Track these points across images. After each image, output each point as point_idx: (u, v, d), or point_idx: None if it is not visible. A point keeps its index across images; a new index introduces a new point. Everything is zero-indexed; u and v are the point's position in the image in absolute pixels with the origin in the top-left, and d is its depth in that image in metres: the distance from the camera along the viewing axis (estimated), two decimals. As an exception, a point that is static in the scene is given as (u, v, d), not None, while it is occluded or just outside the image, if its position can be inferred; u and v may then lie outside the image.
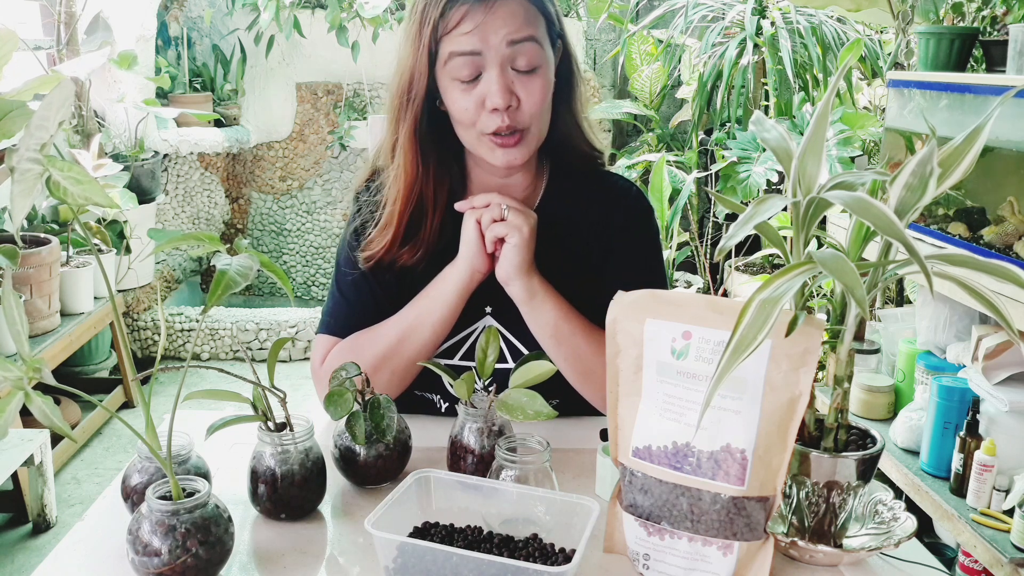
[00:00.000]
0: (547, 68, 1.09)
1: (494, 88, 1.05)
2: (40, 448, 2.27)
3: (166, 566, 0.76)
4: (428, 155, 1.14)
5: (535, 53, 1.07)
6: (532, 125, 1.09)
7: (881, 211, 0.67)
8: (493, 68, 1.05)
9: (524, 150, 1.10)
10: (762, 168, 3.05)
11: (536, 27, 1.07)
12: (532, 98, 1.07)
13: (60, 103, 0.67)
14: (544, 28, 1.09)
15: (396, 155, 1.14)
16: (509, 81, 1.06)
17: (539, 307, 1.12)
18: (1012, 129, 1.70)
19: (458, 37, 1.05)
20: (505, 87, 1.05)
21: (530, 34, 1.06)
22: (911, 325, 2.15)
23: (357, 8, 3.77)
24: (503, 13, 1.04)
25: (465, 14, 1.04)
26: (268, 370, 0.92)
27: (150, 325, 3.59)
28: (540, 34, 1.08)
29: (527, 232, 1.08)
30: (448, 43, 1.06)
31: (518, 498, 0.85)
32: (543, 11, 1.09)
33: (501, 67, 1.05)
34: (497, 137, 1.08)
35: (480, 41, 1.04)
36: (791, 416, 0.77)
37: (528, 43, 1.06)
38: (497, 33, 1.04)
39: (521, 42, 1.05)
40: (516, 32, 1.05)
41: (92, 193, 0.67)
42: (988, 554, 1.59)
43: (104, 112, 3.54)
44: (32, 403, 0.68)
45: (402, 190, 1.14)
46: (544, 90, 1.09)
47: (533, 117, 1.09)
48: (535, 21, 1.07)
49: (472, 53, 1.05)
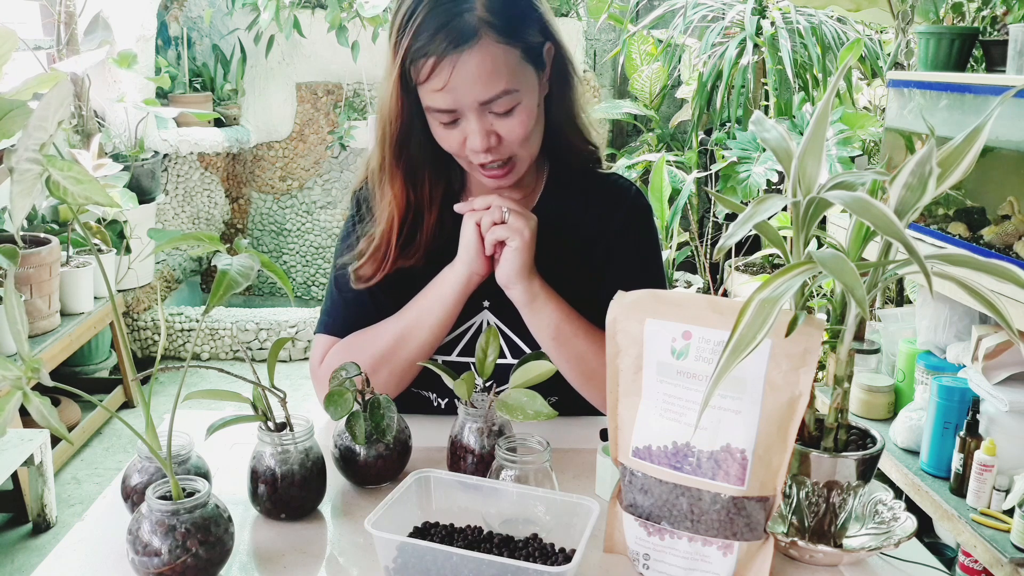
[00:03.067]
0: (529, 98, 1.05)
1: (472, 135, 1.04)
2: (40, 448, 2.27)
3: (166, 566, 0.76)
4: (417, 170, 1.13)
5: (510, 100, 1.03)
6: (519, 152, 1.09)
7: (881, 211, 0.67)
8: (471, 116, 1.03)
9: (513, 175, 1.11)
10: (762, 168, 3.05)
11: (509, 73, 1.01)
12: (513, 134, 1.05)
13: (58, 103, 0.67)
14: (520, 60, 1.03)
15: (383, 181, 1.14)
16: (488, 125, 1.04)
17: (540, 310, 1.11)
18: (1012, 129, 1.70)
19: (431, 93, 1.02)
20: (483, 131, 1.04)
21: (502, 89, 1.01)
22: (911, 325, 2.14)
23: (357, 8, 3.77)
24: (470, 68, 0.99)
25: (432, 69, 1.00)
26: (268, 370, 0.92)
27: (150, 325, 3.59)
28: (514, 77, 1.03)
29: (528, 236, 1.07)
30: (423, 94, 1.04)
31: (518, 498, 0.85)
32: (516, 42, 1.02)
33: (478, 115, 1.03)
34: (484, 168, 1.08)
35: (453, 101, 1.02)
36: (791, 416, 0.77)
37: (501, 98, 1.02)
38: (468, 95, 1.01)
39: (493, 100, 1.02)
40: (486, 91, 1.01)
41: (92, 192, 0.67)
42: (988, 554, 1.59)
43: (104, 112, 3.54)
44: (30, 403, 0.68)
45: (393, 219, 1.13)
46: (525, 123, 1.05)
47: (518, 147, 1.07)
48: (506, 67, 1.01)
49: (447, 111, 1.03)
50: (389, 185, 1.14)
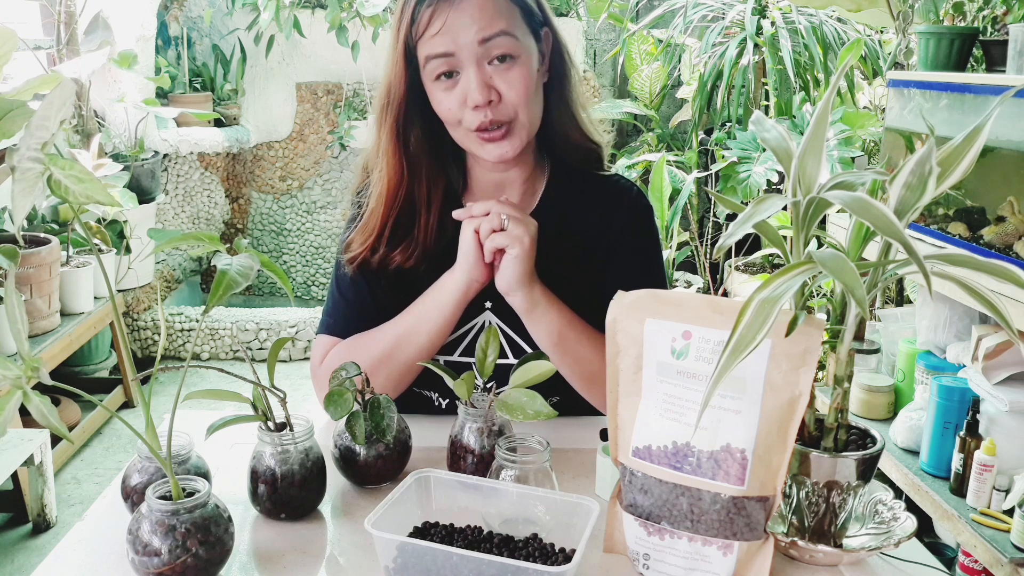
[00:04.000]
0: (528, 58, 1.08)
1: (472, 86, 1.05)
2: (40, 448, 2.27)
3: (166, 566, 0.76)
4: (416, 158, 1.14)
5: (510, 45, 1.06)
6: (518, 116, 1.09)
7: (881, 211, 0.67)
8: (470, 66, 1.05)
9: (514, 142, 1.10)
10: (762, 168, 3.05)
11: (509, 19, 1.06)
12: (513, 90, 1.06)
13: (61, 102, 0.68)
14: (520, 18, 1.08)
15: (379, 159, 1.15)
16: (487, 76, 1.06)
17: (541, 317, 1.11)
18: (1012, 129, 1.70)
19: (430, 40, 1.05)
20: (482, 83, 1.05)
21: (501, 28, 1.05)
22: (911, 325, 2.15)
23: (357, 8, 3.77)
24: (470, 9, 1.04)
25: (432, 14, 1.04)
26: (268, 370, 0.92)
27: (150, 325, 3.59)
28: (514, 26, 1.07)
29: (527, 243, 1.06)
30: (423, 47, 1.06)
31: (518, 498, 0.85)
32: (517, 1, 1.08)
33: (478, 64, 1.05)
34: (483, 132, 1.08)
35: (451, 41, 1.04)
36: (791, 416, 0.77)
37: (500, 37, 1.05)
38: (467, 31, 1.04)
39: (493, 38, 1.05)
40: (486, 29, 1.04)
41: (93, 191, 0.67)
42: (988, 554, 1.59)
43: (104, 112, 3.54)
44: (30, 402, 0.68)
45: (383, 193, 1.14)
46: (525, 80, 1.07)
47: (517, 108, 1.08)
48: (507, 13, 1.06)
49: (445, 55, 1.05)
50: (384, 156, 1.14)
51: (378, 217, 1.15)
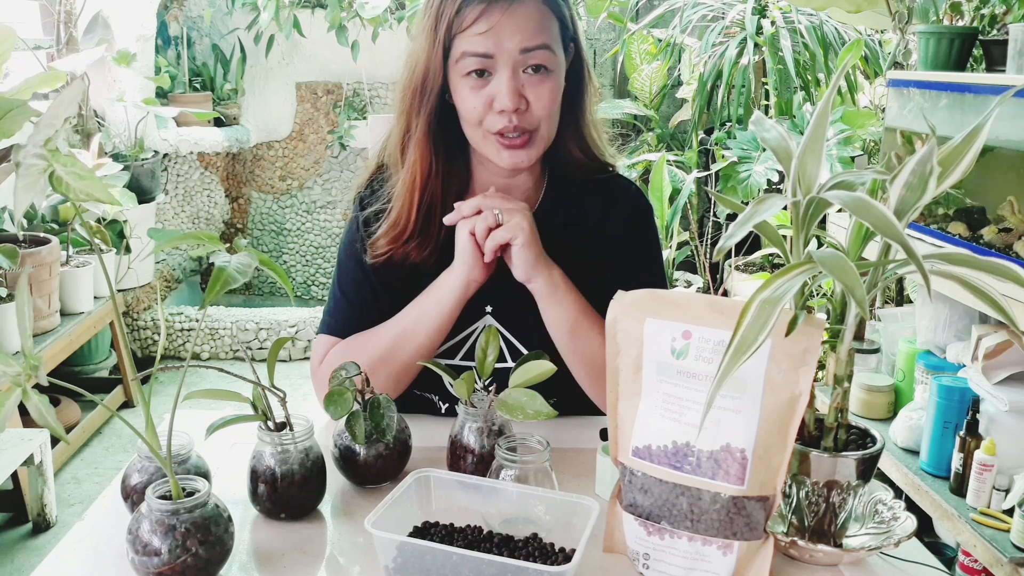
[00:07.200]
0: (559, 72, 1.09)
1: (504, 91, 1.05)
2: (40, 448, 2.27)
3: (166, 566, 0.76)
4: (439, 151, 1.13)
5: (547, 58, 1.06)
6: (541, 127, 1.09)
7: (880, 212, 0.67)
8: (504, 71, 1.05)
9: (532, 152, 1.10)
10: (762, 168, 3.05)
11: (550, 32, 1.07)
12: (541, 101, 1.07)
13: (71, 100, 0.68)
14: (558, 31, 1.09)
15: (408, 151, 1.14)
16: (520, 84, 1.06)
17: (560, 301, 1.11)
18: (1012, 129, 1.70)
19: (472, 37, 1.05)
20: (515, 90, 1.05)
21: (544, 41, 1.06)
22: (911, 325, 2.14)
23: (357, 8, 3.77)
24: (519, 16, 1.04)
25: (481, 14, 1.04)
26: (268, 370, 0.92)
27: (150, 325, 3.59)
28: (553, 39, 1.07)
29: (528, 228, 1.07)
30: (461, 42, 1.06)
31: (518, 498, 0.85)
32: (558, 15, 1.09)
33: (512, 70, 1.05)
34: (504, 138, 1.08)
35: (494, 45, 1.04)
36: (791, 416, 0.77)
37: (541, 50, 1.06)
38: (512, 38, 1.04)
39: (534, 49, 1.05)
40: (530, 39, 1.05)
41: (93, 188, 0.67)
42: (988, 554, 1.59)
43: (104, 111, 3.54)
44: (29, 401, 0.68)
45: (416, 187, 1.13)
46: (554, 93, 1.08)
47: (542, 120, 1.08)
48: (549, 26, 1.07)
49: (484, 55, 1.05)
50: (416, 146, 1.12)
51: (407, 211, 1.14)
